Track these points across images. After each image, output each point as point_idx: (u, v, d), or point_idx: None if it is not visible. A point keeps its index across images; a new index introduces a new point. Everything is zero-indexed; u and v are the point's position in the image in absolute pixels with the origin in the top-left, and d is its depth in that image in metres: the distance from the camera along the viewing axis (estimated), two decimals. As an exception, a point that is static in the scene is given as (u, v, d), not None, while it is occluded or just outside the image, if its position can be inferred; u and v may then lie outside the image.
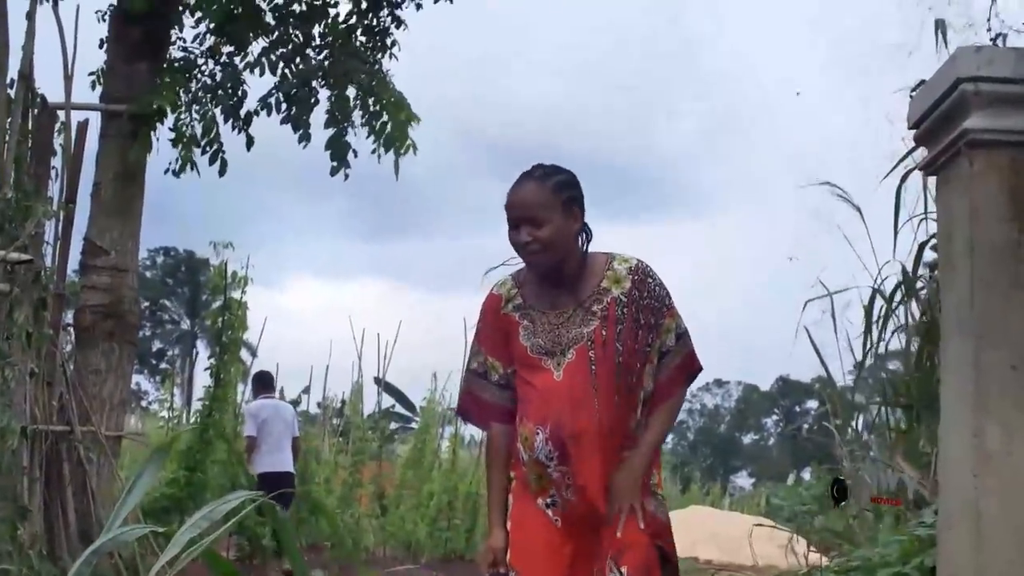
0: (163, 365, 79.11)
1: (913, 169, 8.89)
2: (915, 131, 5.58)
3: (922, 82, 8.14)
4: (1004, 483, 4.57)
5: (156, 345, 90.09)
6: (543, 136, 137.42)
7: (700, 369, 4.94)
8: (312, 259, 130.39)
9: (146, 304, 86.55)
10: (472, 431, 23.08)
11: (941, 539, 4.97)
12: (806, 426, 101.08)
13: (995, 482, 4.58)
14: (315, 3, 11.29)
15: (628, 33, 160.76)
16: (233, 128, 10.96)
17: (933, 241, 8.85)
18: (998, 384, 4.69)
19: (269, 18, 11.11)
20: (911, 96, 8.45)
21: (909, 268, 8.93)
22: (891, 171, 8.82)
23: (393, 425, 30.61)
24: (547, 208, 4.59)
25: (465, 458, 20.91)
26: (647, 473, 4.70)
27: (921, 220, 8.99)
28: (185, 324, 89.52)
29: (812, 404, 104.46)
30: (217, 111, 10.91)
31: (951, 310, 5.09)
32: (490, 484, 4.92)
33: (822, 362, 9.20)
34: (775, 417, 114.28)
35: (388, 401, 28.99)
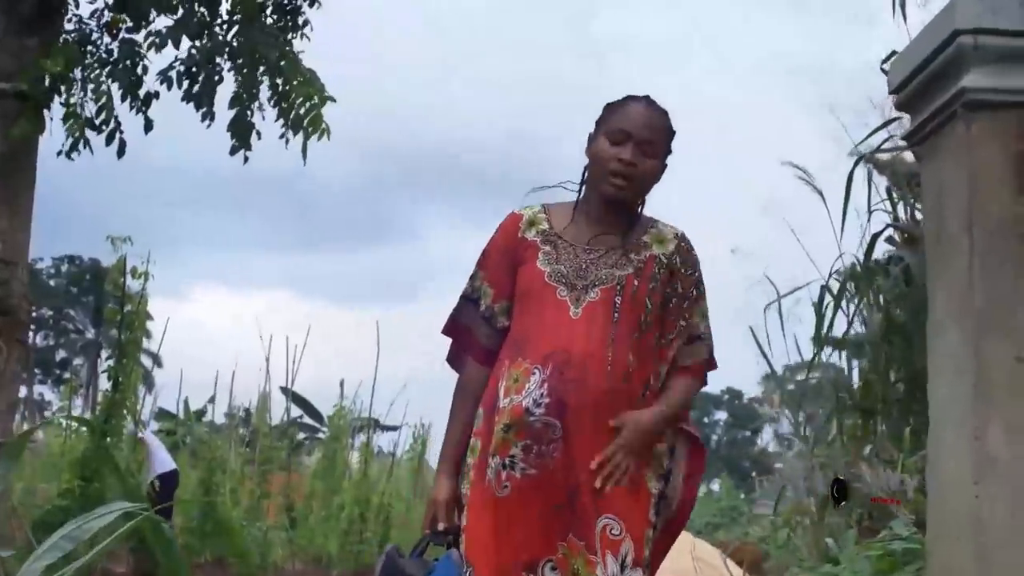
0: (67, 375, 77.93)
1: (862, 157, 8.45)
2: (897, 96, 5.03)
3: (893, 53, 7.65)
4: (1011, 490, 4.05)
5: (60, 355, 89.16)
6: (448, 151, 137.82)
7: (715, 367, 4.34)
8: (216, 270, 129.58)
9: (50, 313, 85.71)
10: (385, 441, 22.70)
11: (933, 553, 4.49)
12: (714, 437, 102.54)
13: (1000, 489, 4.06)
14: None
15: (540, 46, 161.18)
16: (131, 108, 10.25)
17: (887, 233, 8.42)
18: (1003, 379, 4.15)
19: (172, -8, 10.45)
20: (882, 69, 7.98)
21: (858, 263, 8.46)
22: (863, 142, 8.31)
23: (300, 435, 30.10)
24: (663, 144, 4.17)
25: (376, 468, 20.43)
26: (654, 441, 4.07)
27: (865, 212, 8.56)
28: (90, 333, 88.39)
29: (721, 415, 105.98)
30: (114, 87, 10.18)
31: (944, 297, 4.52)
32: (449, 428, 4.29)
33: (770, 366, 8.68)
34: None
35: (296, 412, 28.54)
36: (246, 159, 10.82)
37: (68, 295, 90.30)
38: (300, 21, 11.14)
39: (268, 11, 11.00)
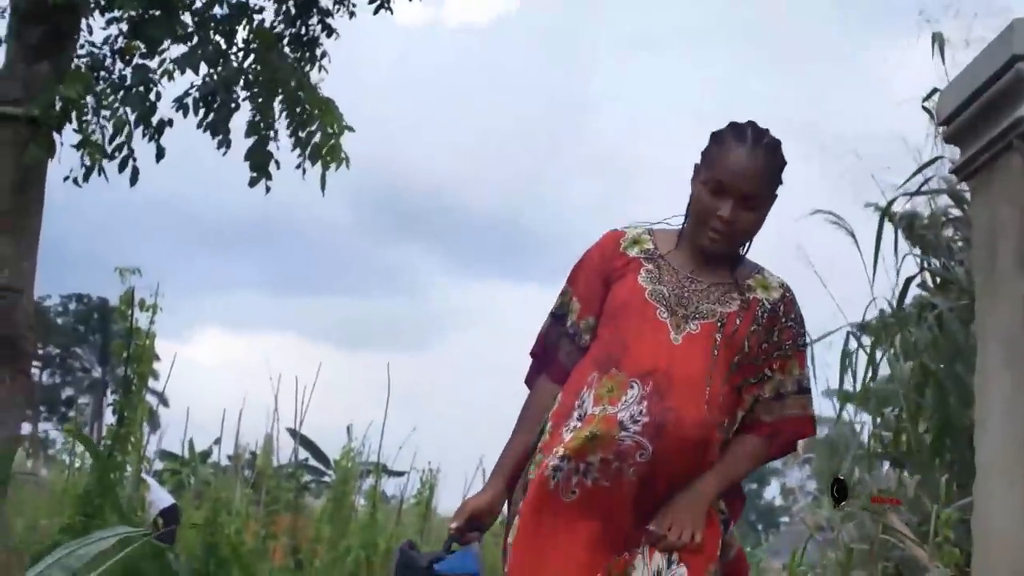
0: (72, 413, 77.75)
1: (887, 210, 8.23)
2: (946, 127, 4.77)
3: (935, 91, 7.43)
4: (1065, 542, 3.82)
5: (67, 393, 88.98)
6: (447, 196, 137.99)
7: (811, 435, 4.06)
8: (221, 313, 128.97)
9: (57, 352, 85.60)
10: (392, 486, 22.47)
11: (981, 613, 4.21)
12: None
13: (1052, 541, 3.84)
14: (238, 2, 10.54)
15: (533, 92, 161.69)
16: (144, 135, 10.06)
17: (919, 278, 8.19)
18: (1058, 427, 3.91)
19: (188, 20, 10.27)
20: (924, 107, 7.77)
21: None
22: (901, 187, 8.07)
23: (307, 478, 29.85)
24: (768, 191, 3.81)
25: (383, 513, 20.17)
26: (714, 504, 3.76)
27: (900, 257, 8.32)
28: (97, 372, 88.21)
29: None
30: (128, 111, 9.97)
31: (995, 341, 4.26)
32: (509, 441, 3.96)
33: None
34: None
35: (303, 454, 28.33)
36: (268, 189, 10.65)
37: (75, 333, 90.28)
38: (318, 52, 11.01)
39: (285, 41, 10.87)
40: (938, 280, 8.21)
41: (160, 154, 10.18)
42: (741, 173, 3.70)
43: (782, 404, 3.84)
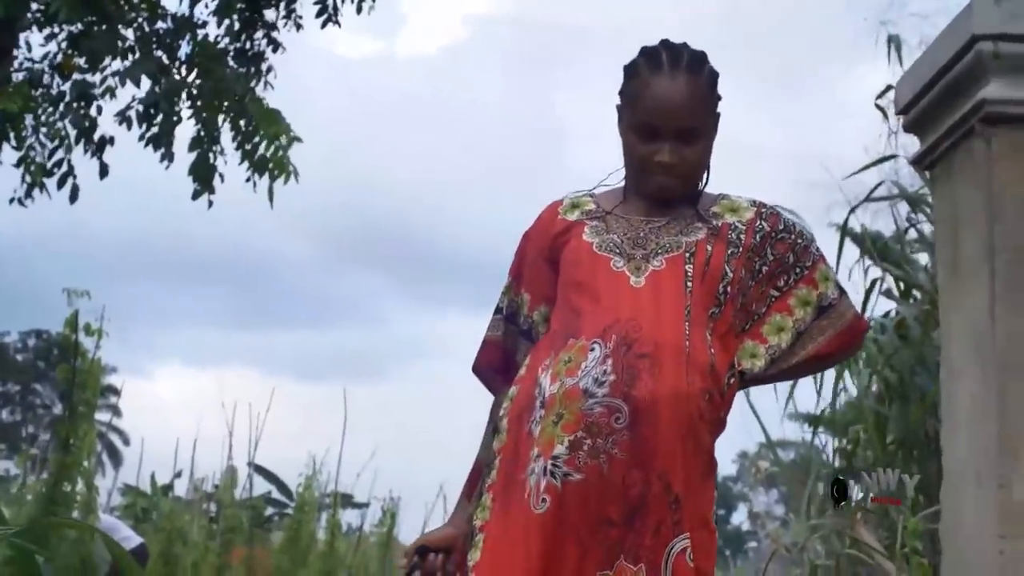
0: (34, 450, 77.12)
1: (852, 211, 8.04)
2: (905, 116, 4.58)
3: (888, 88, 7.25)
4: (1042, 546, 3.62)
5: (28, 430, 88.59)
6: (405, 225, 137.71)
7: (866, 329, 3.50)
8: (177, 347, 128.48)
9: (17, 389, 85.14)
10: (352, 517, 22.29)
11: (949, 620, 4.02)
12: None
13: (1029, 544, 3.55)
14: (181, 16, 10.40)
15: (493, 121, 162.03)
16: (85, 151, 9.86)
17: (885, 285, 8.00)
18: (1030, 423, 3.72)
19: (129, 35, 10.10)
20: (877, 105, 7.61)
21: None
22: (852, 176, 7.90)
23: (269, 511, 29.63)
24: (704, 115, 3.24)
25: (344, 544, 19.95)
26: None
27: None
28: (57, 409, 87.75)
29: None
30: (68, 125, 9.78)
31: (961, 336, 4.07)
32: (475, 462, 3.33)
33: (765, 434, 8.12)
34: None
35: (262, 487, 28.11)
36: (210, 203, 10.47)
37: (35, 370, 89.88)
38: (263, 67, 10.85)
39: (230, 56, 10.71)
40: (902, 286, 8.00)
41: (104, 171, 9.99)
42: (668, 109, 3.19)
43: (833, 318, 3.29)
